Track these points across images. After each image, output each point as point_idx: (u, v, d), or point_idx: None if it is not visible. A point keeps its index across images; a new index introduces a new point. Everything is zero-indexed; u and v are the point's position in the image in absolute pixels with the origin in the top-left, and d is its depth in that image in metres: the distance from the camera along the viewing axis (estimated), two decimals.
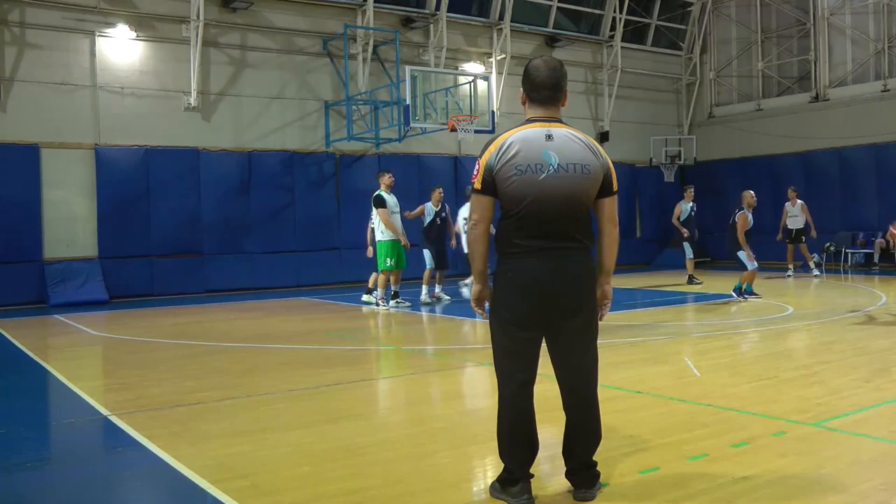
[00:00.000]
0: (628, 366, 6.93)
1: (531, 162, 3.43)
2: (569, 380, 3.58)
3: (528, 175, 3.42)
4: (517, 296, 3.49)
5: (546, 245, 3.46)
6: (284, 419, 5.37)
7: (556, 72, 3.57)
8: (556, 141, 3.46)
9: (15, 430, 5.29)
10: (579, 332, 3.54)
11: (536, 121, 3.54)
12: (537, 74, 3.56)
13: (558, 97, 3.59)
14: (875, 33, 19.55)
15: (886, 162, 18.71)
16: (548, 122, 3.53)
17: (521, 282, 3.48)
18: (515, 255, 3.49)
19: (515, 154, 3.44)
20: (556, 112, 3.59)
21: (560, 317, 3.50)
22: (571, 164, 3.45)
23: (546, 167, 3.43)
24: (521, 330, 3.51)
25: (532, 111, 3.59)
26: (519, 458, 3.56)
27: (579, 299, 3.51)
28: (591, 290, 3.57)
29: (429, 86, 15.53)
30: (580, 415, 3.60)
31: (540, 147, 3.45)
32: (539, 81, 3.56)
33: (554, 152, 3.44)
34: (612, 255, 3.67)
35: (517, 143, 3.46)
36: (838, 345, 7.84)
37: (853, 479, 3.81)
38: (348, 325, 10.63)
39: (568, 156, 3.45)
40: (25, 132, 14.17)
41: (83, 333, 10.44)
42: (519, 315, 3.50)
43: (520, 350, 3.53)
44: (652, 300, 12.92)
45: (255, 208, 16.26)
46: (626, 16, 21.64)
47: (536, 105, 3.58)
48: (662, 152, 22.52)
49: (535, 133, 3.48)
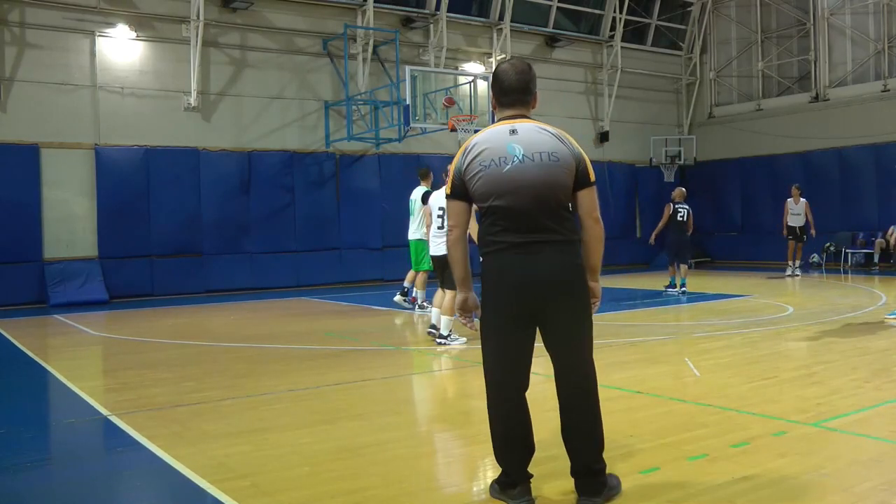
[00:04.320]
0: (628, 366, 6.92)
1: (495, 156, 3.36)
2: (562, 376, 3.47)
3: (492, 169, 3.36)
4: (498, 295, 3.42)
5: (520, 240, 3.36)
6: (284, 419, 5.37)
7: (525, 75, 3.52)
8: (521, 134, 3.39)
9: (15, 430, 5.29)
10: (567, 327, 3.41)
11: (504, 119, 3.50)
12: (505, 79, 3.51)
13: (528, 100, 3.54)
14: (875, 33, 19.56)
15: (886, 162, 18.69)
16: (516, 119, 3.48)
17: (499, 280, 3.41)
18: (491, 253, 3.43)
19: (480, 153, 3.39)
20: (526, 113, 3.53)
21: (544, 312, 3.39)
22: (538, 154, 3.35)
23: (510, 159, 3.35)
24: (507, 330, 3.42)
25: (500, 114, 3.56)
26: (514, 460, 3.50)
27: (561, 292, 3.37)
28: (575, 283, 3.42)
29: (429, 86, 15.54)
30: (574, 411, 3.46)
31: (504, 142, 3.39)
32: (507, 86, 3.51)
33: (518, 144, 3.37)
34: (595, 251, 3.49)
35: (482, 143, 3.42)
36: (838, 345, 7.84)
37: (853, 479, 3.80)
38: (348, 325, 10.62)
39: (533, 146, 3.36)
40: (25, 132, 14.17)
41: (83, 333, 10.44)
42: (502, 315, 3.42)
43: (506, 351, 3.44)
44: (652, 300, 12.91)
45: (255, 208, 16.27)
46: (626, 16, 21.64)
47: (505, 108, 3.54)
48: (662, 152, 22.53)
49: (499, 130, 3.43)
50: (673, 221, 13.76)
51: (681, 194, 14.15)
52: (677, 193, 14.21)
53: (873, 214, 18.89)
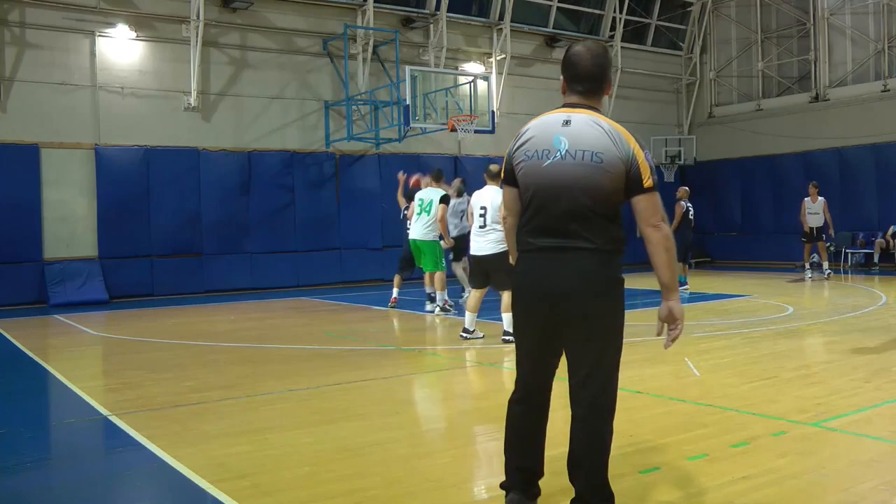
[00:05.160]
0: (628, 366, 6.87)
1: (539, 147, 3.12)
2: (575, 395, 3.18)
3: (533, 161, 3.13)
4: (518, 298, 3.26)
5: (549, 244, 3.12)
6: (284, 419, 5.37)
7: (601, 59, 3.17)
8: (573, 126, 3.08)
9: (15, 430, 5.29)
10: (584, 345, 3.11)
11: (567, 106, 3.18)
12: (580, 64, 3.16)
13: (600, 88, 3.20)
14: (875, 33, 19.55)
15: (886, 162, 18.71)
16: (577, 108, 3.15)
17: (522, 283, 3.23)
18: (522, 253, 3.24)
19: (528, 139, 3.16)
20: (596, 102, 3.19)
21: (563, 325, 3.13)
22: (581, 151, 3.04)
23: (553, 153, 3.08)
24: (526, 335, 3.26)
25: (566, 99, 3.22)
26: (510, 466, 3.34)
27: (579, 307, 3.07)
28: (596, 298, 3.08)
29: (429, 86, 15.54)
30: (581, 435, 3.16)
31: (553, 132, 3.10)
32: (582, 72, 3.16)
33: (566, 138, 3.07)
34: (664, 261, 3.07)
35: (533, 129, 3.18)
36: (838, 345, 7.84)
37: (853, 479, 3.80)
38: (348, 326, 10.62)
39: (580, 142, 3.05)
40: (25, 132, 14.16)
41: (83, 333, 10.44)
42: (522, 319, 3.27)
43: (525, 356, 3.29)
44: (652, 300, 12.89)
45: (255, 208, 16.26)
46: (626, 16, 21.64)
47: (573, 94, 3.20)
48: (662, 152, 22.52)
49: (554, 119, 3.14)
50: (685, 220, 14.06)
51: (686, 193, 14.44)
52: (684, 192, 14.46)
53: (873, 214, 18.88)
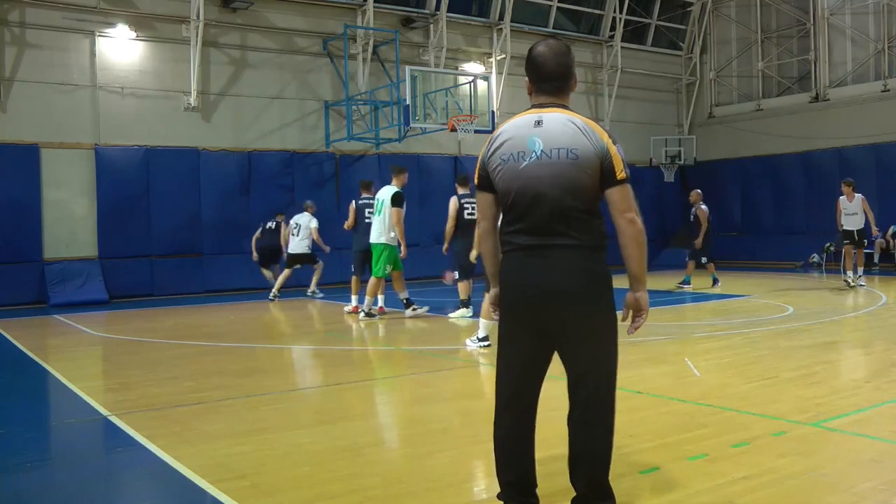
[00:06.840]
0: (628, 366, 6.91)
1: (515, 150, 3.14)
2: (573, 394, 3.20)
3: (510, 164, 3.14)
4: (504, 300, 3.23)
5: (532, 242, 3.13)
6: (284, 419, 5.37)
7: (564, 58, 3.24)
8: (545, 126, 3.12)
9: (15, 430, 5.28)
10: (577, 342, 3.14)
11: (536, 107, 3.22)
12: (543, 63, 3.22)
13: (566, 86, 3.26)
14: (875, 33, 19.55)
15: (886, 162, 18.71)
16: (546, 107, 3.19)
17: (506, 283, 3.21)
18: (506, 254, 3.24)
19: (503, 143, 3.18)
20: (563, 99, 3.25)
21: (553, 325, 3.13)
22: (556, 150, 3.08)
23: (528, 154, 3.11)
24: (512, 340, 3.22)
25: (535, 100, 3.26)
26: (502, 478, 3.27)
27: (568, 304, 3.09)
28: (586, 295, 3.12)
29: (429, 86, 15.54)
30: (581, 434, 3.19)
31: (526, 134, 3.14)
32: (546, 72, 3.22)
33: (539, 138, 3.11)
34: (633, 256, 3.15)
35: (507, 132, 3.20)
36: (838, 345, 7.85)
37: (853, 479, 3.80)
38: (348, 326, 10.62)
39: (554, 141, 3.09)
40: (25, 132, 14.17)
41: (83, 333, 10.44)
42: (508, 321, 3.23)
43: (510, 362, 3.24)
44: (652, 300, 12.88)
45: (255, 208, 16.25)
46: (626, 16, 21.65)
47: (540, 94, 3.25)
48: (662, 152, 22.53)
49: (525, 120, 3.18)
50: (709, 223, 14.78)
51: (700, 196, 15.16)
52: (698, 196, 15.15)
53: (873, 214, 18.84)
